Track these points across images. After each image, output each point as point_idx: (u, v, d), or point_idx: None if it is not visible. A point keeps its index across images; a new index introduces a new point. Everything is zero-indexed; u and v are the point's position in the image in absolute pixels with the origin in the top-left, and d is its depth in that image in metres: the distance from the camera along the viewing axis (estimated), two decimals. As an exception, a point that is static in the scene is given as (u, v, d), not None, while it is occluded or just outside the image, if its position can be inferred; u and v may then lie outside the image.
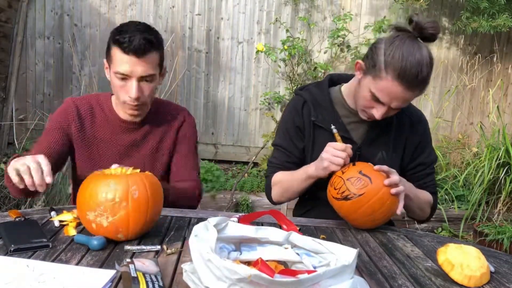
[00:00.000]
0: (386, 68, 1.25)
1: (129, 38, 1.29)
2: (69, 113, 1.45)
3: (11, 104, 4.13)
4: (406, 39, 1.26)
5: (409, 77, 1.23)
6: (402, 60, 1.23)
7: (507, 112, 4.54)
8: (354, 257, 0.81)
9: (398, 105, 1.29)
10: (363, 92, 1.34)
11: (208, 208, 3.58)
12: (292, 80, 4.23)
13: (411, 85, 1.24)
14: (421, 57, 1.23)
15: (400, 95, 1.26)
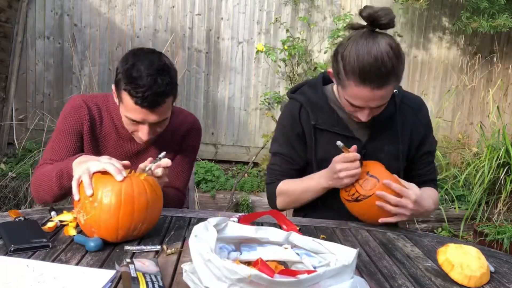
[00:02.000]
0: (347, 75, 1.23)
1: (143, 93, 1.21)
2: (81, 112, 1.40)
3: (11, 104, 4.13)
4: (360, 37, 1.21)
5: (372, 76, 1.18)
6: (358, 62, 1.19)
7: (507, 112, 4.54)
8: (354, 257, 0.81)
9: (375, 104, 1.26)
10: (342, 100, 1.34)
11: (208, 208, 3.58)
12: (292, 80, 4.23)
13: (377, 83, 1.20)
14: (377, 51, 1.17)
15: (371, 96, 1.23)
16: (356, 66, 1.19)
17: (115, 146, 1.46)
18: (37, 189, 1.32)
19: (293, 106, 1.49)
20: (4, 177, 3.40)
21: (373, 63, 1.17)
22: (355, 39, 1.22)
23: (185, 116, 1.56)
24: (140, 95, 1.22)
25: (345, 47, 1.24)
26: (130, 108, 1.26)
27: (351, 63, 1.20)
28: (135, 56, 1.26)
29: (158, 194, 1.12)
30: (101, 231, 1.03)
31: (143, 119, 1.28)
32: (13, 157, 3.84)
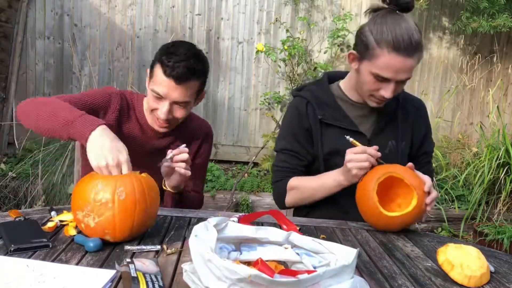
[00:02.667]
0: (379, 45, 1.27)
1: (174, 63, 1.29)
2: (113, 100, 1.42)
3: (11, 104, 4.13)
4: (387, 14, 1.29)
5: (404, 44, 1.24)
6: (391, 31, 1.25)
7: (507, 112, 4.54)
8: (354, 257, 0.81)
9: (403, 77, 1.29)
10: (364, 78, 1.34)
11: (208, 208, 3.58)
12: (292, 80, 4.23)
13: (408, 52, 1.25)
14: (407, 24, 1.26)
15: (402, 65, 1.27)
16: (389, 35, 1.25)
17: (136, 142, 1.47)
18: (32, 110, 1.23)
19: (299, 102, 1.51)
20: (4, 177, 3.40)
21: (406, 32, 1.24)
22: (383, 15, 1.30)
23: (200, 123, 1.62)
24: (171, 64, 1.29)
25: (373, 22, 1.30)
26: (158, 80, 1.32)
27: (384, 33, 1.26)
28: (177, 42, 1.37)
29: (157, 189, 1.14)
30: (116, 232, 1.02)
31: (167, 93, 1.32)
32: (13, 157, 3.84)
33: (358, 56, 1.35)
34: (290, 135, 1.50)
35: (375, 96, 1.37)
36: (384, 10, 1.31)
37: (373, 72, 1.30)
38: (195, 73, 1.33)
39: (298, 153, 1.49)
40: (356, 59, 1.37)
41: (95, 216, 1.01)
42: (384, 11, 1.31)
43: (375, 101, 1.39)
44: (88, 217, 1.01)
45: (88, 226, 1.02)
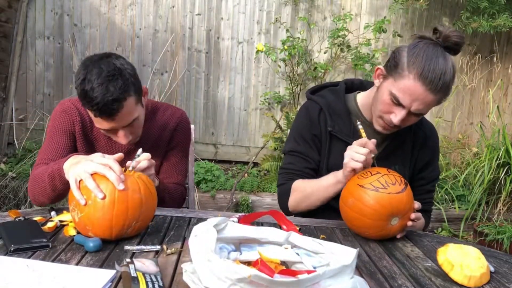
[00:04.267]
0: (409, 67, 1.23)
1: (97, 105, 1.21)
2: (71, 113, 1.42)
3: (11, 104, 4.13)
4: (430, 44, 1.24)
5: (432, 77, 1.20)
6: (426, 60, 1.21)
7: (507, 112, 4.54)
8: (354, 257, 0.81)
9: (418, 109, 1.25)
10: (382, 96, 1.30)
11: (208, 208, 3.58)
12: (292, 80, 4.23)
13: (433, 86, 1.20)
14: (445, 61, 1.21)
15: (422, 96, 1.22)
16: (423, 62, 1.21)
17: (106, 146, 1.46)
18: (32, 191, 1.32)
19: (312, 108, 1.47)
20: (4, 177, 3.40)
21: (438, 69, 1.20)
22: (427, 44, 1.25)
23: (172, 111, 1.56)
24: (95, 108, 1.22)
25: (415, 45, 1.26)
26: (95, 120, 1.29)
27: (418, 58, 1.22)
28: (85, 68, 1.24)
29: (152, 192, 1.12)
30: (95, 229, 1.03)
31: (112, 127, 1.29)
32: (13, 157, 3.84)
33: (384, 72, 1.31)
34: (299, 137, 1.48)
35: (383, 119, 1.32)
36: (430, 41, 1.26)
37: (392, 92, 1.26)
38: (120, 99, 1.23)
39: (306, 155, 1.46)
40: (381, 75, 1.33)
41: (78, 212, 1.04)
42: (430, 42, 1.25)
43: (382, 125, 1.34)
44: (74, 211, 1.06)
45: (75, 220, 1.07)
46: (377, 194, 1.15)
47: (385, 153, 1.44)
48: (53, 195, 1.27)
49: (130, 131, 1.34)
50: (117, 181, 1.03)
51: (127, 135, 1.33)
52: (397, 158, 1.45)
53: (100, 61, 1.24)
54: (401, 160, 1.45)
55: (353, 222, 1.22)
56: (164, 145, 1.54)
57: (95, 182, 1.04)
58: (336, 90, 1.50)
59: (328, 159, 1.44)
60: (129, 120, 1.30)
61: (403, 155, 1.45)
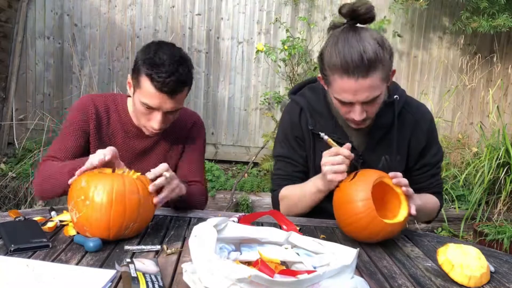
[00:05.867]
0: (331, 70, 1.19)
1: (164, 78, 1.25)
2: (88, 111, 1.42)
3: (11, 104, 4.14)
4: (341, 33, 1.20)
5: (353, 65, 1.14)
6: (339, 53, 1.16)
7: (507, 112, 4.54)
8: (354, 257, 0.81)
9: (366, 97, 1.19)
10: (334, 102, 1.28)
11: (208, 208, 3.57)
12: (292, 80, 4.23)
13: (360, 72, 1.14)
14: (358, 41, 1.15)
15: (357, 87, 1.16)
16: (337, 58, 1.16)
17: (123, 142, 1.47)
18: (41, 185, 1.31)
19: (293, 109, 1.46)
20: (4, 177, 3.40)
21: (354, 52, 1.14)
22: (335, 35, 1.20)
23: (189, 114, 1.59)
24: (161, 80, 1.25)
25: (326, 45, 1.22)
26: (149, 94, 1.29)
27: (332, 57, 1.18)
28: (157, 47, 1.31)
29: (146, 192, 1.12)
30: (92, 229, 1.03)
31: (160, 105, 1.30)
32: (13, 157, 3.84)
33: (323, 81, 1.29)
34: (283, 140, 1.47)
35: (349, 119, 1.30)
36: (342, 28, 1.21)
37: (335, 96, 1.24)
38: (185, 82, 1.31)
39: (292, 159, 1.45)
40: (324, 83, 1.30)
41: (77, 212, 1.04)
42: (340, 29, 1.21)
43: (354, 123, 1.31)
44: (72, 211, 1.06)
45: (73, 220, 1.07)
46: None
47: (370, 145, 1.41)
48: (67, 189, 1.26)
49: (167, 119, 1.36)
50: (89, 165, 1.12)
51: (163, 121, 1.35)
52: (384, 148, 1.40)
53: (172, 46, 1.33)
54: (389, 150, 1.40)
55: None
56: (180, 147, 1.54)
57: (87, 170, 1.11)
58: (315, 87, 1.46)
59: (314, 159, 1.42)
60: (177, 107, 1.34)
61: (389, 144, 1.40)
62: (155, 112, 1.33)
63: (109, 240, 1.05)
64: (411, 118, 1.42)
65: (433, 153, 1.45)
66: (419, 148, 1.43)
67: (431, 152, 1.45)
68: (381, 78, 1.18)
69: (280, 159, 1.48)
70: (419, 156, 1.45)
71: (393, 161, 1.41)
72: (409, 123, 1.42)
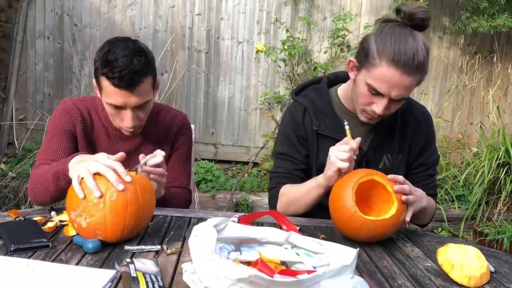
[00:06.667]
0: (379, 55, 1.20)
1: (119, 73, 1.22)
2: (72, 114, 1.41)
3: (11, 104, 4.13)
4: (396, 26, 1.22)
5: (405, 60, 1.17)
6: (395, 44, 1.18)
7: (507, 112, 4.54)
8: (354, 257, 0.81)
9: (398, 94, 1.22)
10: (359, 89, 1.27)
11: (208, 208, 3.58)
12: (292, 80, 4.23)
13: (408, 69, 1.18)
14: (415, 41, 1.19)
15: (399, 81, 1.19)
16: (392, 47, 1.18)
17: (107, 147, 1.46)
18: (33, 190, 1.31)
19: (296, 109, 1.45)
20: (4, 177, 3.40)
21: (410, 48, 1.17)
22: (392, 27, 1.22)
23: (175, 114, 1.56)
24: (116, 75, 1.23)
25: (381, 31, 1.23)
26: (110, 92, 1.27)
27: (387, 44, 1.19)
28: (110, 43, 1.29)
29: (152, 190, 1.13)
30: (106, 232, 1.01)
31: (124, 102, 1.28)
32: (13, 157, 3.84)
33: (357, 64, 1.29)
34: (285, 139, 1.46)
35: (366, 111, 1.30)
36: (396, 23, 1.23)
37: (368, 82, 1.23)
38: (143, 73, 1.27)
39: (293, 157, 1.45)
40: (355, 67, 1.30)
41: (87, 216, 1.01)
42: (395, 24, 1.23)
43: (367, 117, 1.32)
44: (80, 217, 1.01)
45: (80, 226, 1.02)
46: None
47: (374, 144, 1.41)
48: (56, 194, 1.26)
49: (138, 115, 1.33)
50: (117, 182, 1.02)
51: (134, 117, 1.32)
52: (387, 147, 1.42)
53: (126, 40, 1.30)
54: (391, 149, 1.42)
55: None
56: (166, 148, 1.52)
57: (95, 181, 1.02)
58: (319, 87, 1.47)
59: (317, 158, 1.42)
60: (143, 100, 1.30)
61: (392, 144, 1.42)
62: (123, 111, 1.31)
63: (117, 241, 1.04)
64: (413, 118, 1.44)
65: (430, 153, 1.47)
66: (418, 147, 1.45)
67: (428, 152, 1.47)
68: (417, 82, 1.22)
69: (280, 156, 1.47)
70: (417, 155, 1.46)
71: (395, 160, 1.42)
72: (411, 123, 1.44)
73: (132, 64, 1.24)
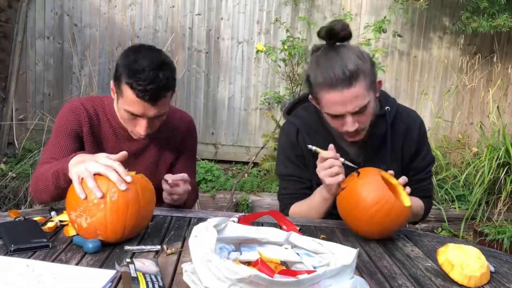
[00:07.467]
0: (318, 89, 1.28)
1: (145, 86, 1.23)
2: (79, 113, 1.40)
3: (11, 104, 4.13)
4: (321, 54, 1.29)
5: (337, 78, 1.22)
6: (323, 72, 1.25)
7: (507, 112, 4.54)
8: (354, 257, 0.81)
9: (354, 107, 1.25)
10: (327, 119, 1.35)
11: (208, 208, 3.58)
12: (292, 80, 4.23)
13: (345, 84, 1.22)
14: (338, 57, 1.25)
15: (345, 97, 1.23)
16: (321, 76, 1.25)
17: (114, 147, 1.45)
18: (35, 188, 1.31)
19: (289, 130, 1.49)
20: (4, 177, 3.40)
21: (337, 66, 1.23)
22: (317, 56, 1.30)
23: (181, 115, 1.58)
24: (142, 88, 1.23)
25: (309, 66, 1.31)
26: (131, 101, 1.27)
27: (317, 77, 1.27)
28: (136, 52, 1.29)
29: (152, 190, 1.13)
30: (107, 233, 1.01)
31: (143, 112, 1.29)
32: (13, 157, 3.84)
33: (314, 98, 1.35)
34: (286, 160, 1.49)
35: (343, 133, 1.34)
36: (322, 49, 1.30)
37: (326, 112, 1.30)
38: (167, 88, 1.28)
39: (298, 177, 1.48)
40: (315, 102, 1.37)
41: (87, 217, 1.01)
42: (321, 50, 1.30)
43: (349, 137, 1.35)
44: (80, 217, 1.01)
45: (80, 226, 1.02)
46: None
47: (369, 157, 1.44)
48: (55, 193, 1.26)
49: (152, 124, 1.35)
50: (119, 182, 1.02)
51: (149, 126, 1.34)
52: (381, 159, 1.44)
53: (151, 50, 1.30)
54: (385, 160, 1.44)
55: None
56: (173, 148, 1.54)
57: (95, 182, 1.02)
58: (308, 107, 1.50)
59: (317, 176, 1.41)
60: (162, 112, 1.32)
61: (386, 154, 1.45)
62: (140, 119, 1.32)
63: (118, 241, 1.04)
64: (403, 126, 1.48)
65: (421, 158, 1.50)
66: (410, 153, 1.49)
67: (420, 157, 1.50)
68: (365, 87, 1.25)
69: (286, 178, 1.50)
70: (409, 162, 1.50)
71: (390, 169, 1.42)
72: (401, 131, 1.47)
73: (158, 77, 1.24)
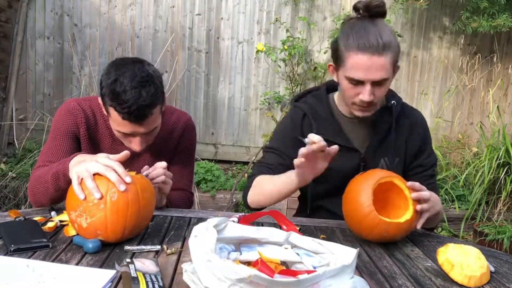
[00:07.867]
0: (346, 48, 1.27)
1: (128, 108, 1.20)
2: (77, 114, 1.39)
3: (11, 104, 4.14)
4: (356, 20, 1.30)
5: (369, 43, 1.23)
6: (357, 35, 1.25)
7: (507, 112, 4.54)
8: (354, 257, 0.81)
9: (376, 75, 1.25)
10: (343, 85, 1.33)
11: (208, 208, 3.58)
12: (292, 80, 4.23)
13: (374, 50, 1.23)
14: (375, 27, 1.25)
15: (370, 63, 1.24)
16: (355, 38, 1.25)
17: (111, 148, 1.45)
18: (33, 192, 1.30)
19: (296, 114, 1.48)
20: (4, 177, 3.40)
21: (371, 34, 1.24)
22: (352, 23, 1.30)
23: (178, 115, 1.55)
24: (126, 111, 1.21)
25: (343, 29, 1.31)
26: (118, 122, 1.26)
27: (350, 37, 1.27)
28: (117, 68, 1.24)
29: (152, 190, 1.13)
30: (107, 233, 1.01)
31: (133, 131, 1.28)
32: (13, 157, 3.84)
33: (334, 66, 1.36)
34: (278, 137, 1.48)
35: (356, 103, 1.33)
36: (355, 19, 1.31)
37: (346, 76, 1.29)
38: (152, 105, 1.24)
39: (280, 151, 1.45)
40: (334, 69, 1.37)
41: (87, 217, 1.00)
42: (355, 20, 1.31)
43: (359, 109, 1.34)
44: (80, 217, 1.01)
45: (80, 226, 1.02)
46: None
47: (371, 147, 1.44)
48: (55, 195, 1.26)
49: (146, 139, 1.34)
50: (118, 182, 1.02)
51: (143, 142, 1.32)
52: (384, 150, 1.44)
53: (133, 65, 1.24)
54: (388, 152, 1.44)
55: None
56: (170, 149, 1.52)
57: (95, 183, 1.02)
58: (318, 94, 1.51)
59: None
60: (152, 127, 1.30)
61: (388, 146, 1.44)
62: (132, 137, 1.31)
63: (117, 241, 1.04)
64: (407, 121, 1.48)
65: (426, 155, 1.50)
66: (414, 150, 1.48)
67: (424, 154, 1.50)
68: (390, 62, 1.26)
69: (269, 150, 1.48)
70: (413, 158, 1.49)
71: (392, 163, 1.44)
72: (406, 127, 1.47)
73: (141, 97, 1.21)
